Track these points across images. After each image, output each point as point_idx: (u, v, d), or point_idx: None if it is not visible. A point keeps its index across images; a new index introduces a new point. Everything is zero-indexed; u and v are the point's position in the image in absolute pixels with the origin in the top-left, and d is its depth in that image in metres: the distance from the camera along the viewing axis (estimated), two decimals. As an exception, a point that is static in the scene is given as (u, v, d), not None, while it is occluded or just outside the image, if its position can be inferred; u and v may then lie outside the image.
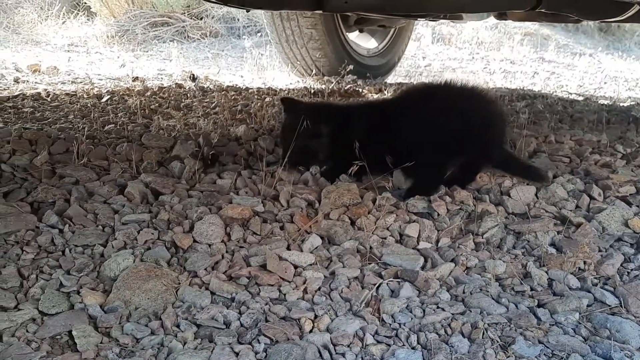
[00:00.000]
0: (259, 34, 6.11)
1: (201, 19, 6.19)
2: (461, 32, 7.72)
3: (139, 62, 4.48)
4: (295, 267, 1.29)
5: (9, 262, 1.24)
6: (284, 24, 3.83)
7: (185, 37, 5.94)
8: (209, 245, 1.37)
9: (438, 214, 1.53)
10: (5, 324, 1.04)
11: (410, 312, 1.15)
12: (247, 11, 3.41)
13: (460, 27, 7.80)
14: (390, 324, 1.11)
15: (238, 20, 6.26)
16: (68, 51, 5.30)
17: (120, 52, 5.25)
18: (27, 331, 1.04)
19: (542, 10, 2.33)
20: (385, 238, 1.44)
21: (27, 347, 0.99)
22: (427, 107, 1.69)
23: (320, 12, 3.07)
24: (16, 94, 2.47)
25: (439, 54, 6.54)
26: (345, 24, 4.05)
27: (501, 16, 3.32)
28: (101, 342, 1.02)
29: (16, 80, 2.78)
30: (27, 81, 2.81)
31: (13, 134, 1.77)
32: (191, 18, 6.15)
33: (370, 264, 1.33)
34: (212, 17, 6.20)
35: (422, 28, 7.31)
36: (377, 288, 1.22)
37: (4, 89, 2.59)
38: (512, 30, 8.27)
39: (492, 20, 8.28)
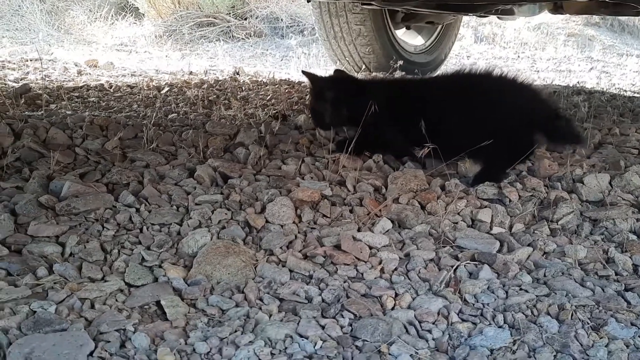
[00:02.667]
0: (303, 34, 6.15)
1: (245, 19, 6.27)
2: (503, 33, 7.60)
3: (187, 60, 4.56)
4: (370, 247, 1.29)
5: (91, 238, 1.27)
6: (332, 21, 3.84)
7: (230, 37, 6.02)
8: (282, 226, 1.38)
9: (510, 200, 1.50)
10: (95, 293, 1.07)
11: (493, 292, 1.13)
12: (308, 1, 3.43)
13: (503, 27, 7.68)
14: (473, 304, 1.09)
15: (282, 20, 6.31)
16: (118, 50, 5.44)
17: (169, 51, 5.36)
18: (116, 300, 1.07)
19: (607, 0, 2.27)
20: (457, 223, 1.43)
21: (119, 314, 1.01)
22: (491, 90, 1.68)
23: (376, 6, 3.07)
24: (80, 85, 2.55)
25: (483, 52, 6.45)
26: (392, 21, 4.03)
27: (557, 10, 3.25)
28: (189, 312, 1.04)
29: (79, 73, 2.88)
30: (89, 74, 2.90)
31: (86, 120, 1.82)
32: (236, 18, 6.23)
33: (444, 247, 1.31)
34: (257, 18, 6.26)
35: (463, 29, 7.22)
36: (455, 270, 1.20)
37: (69, 80, 2.68)
38: (556, 31, 8.09)
39: (534, 21, 8.07)
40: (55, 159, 1.54)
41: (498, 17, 4.22)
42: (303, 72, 1.97)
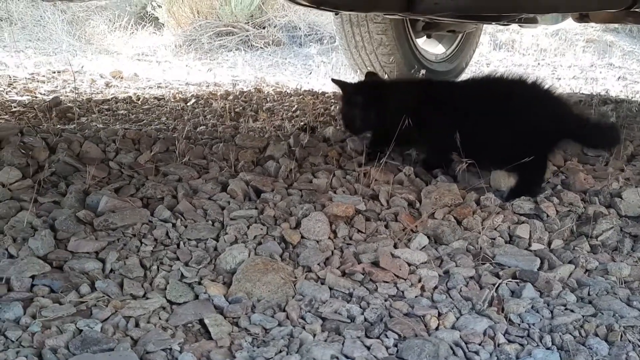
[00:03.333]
0: (321, 42, 6.16)
1: (264, 28, 6.30)
2: (521, 40, 7.56)
3: (209, 70, 4.59)
4: (409, 264, 1.28)
5: (130, 254, 1.28)
6: (353, 30, 3.85)
7: (249, 46, 6.06)
8: (317, 242, 1.38)
9: (547, 216, 1.49)
10: (139, 310, 1.07)
11: (538, 312, 1.11)
12: (336, 14, 3.45)
13: (521, 34, 7.63)
14: (519, 324, 1.07)
15: (300, 29, 6.34)
16: (139, 60, 5.49)
17: (189, 60, 5.40)
18: (159, 318, 1.07)
19: (637, 10, 2.24)
20: (494, 239, 1.41)
21: (164, 333, 1.01)
22: (527, 96, 1.67)
23: (399, 15, 3.07)
24: (109, 97, 2.58)
25: (502, 60, 6.41)
26: (413, 29, 4.02)
27: (582, 18, 3.22)
28: (232, 331, 1.04)
29: (107, 85, 2.91)
30: (117, 86, 2.93)
31: (118, 133, 1.83)
32: (254, 27, 6.27)
33: (484, 264, 1.30)
34: (275, 26, 6.30)
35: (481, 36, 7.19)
36: (497, 288, 1.19)
37: (98, 93, 2.71)
38: (574, 37, 8.02)
39: (552, 26, 7.97)
40: (91, 173, 1.56)
41: (519, 25, 4.20)
42: (333, 80, 1.99)
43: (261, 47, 6.06)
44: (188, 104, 2.57)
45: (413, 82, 2.10)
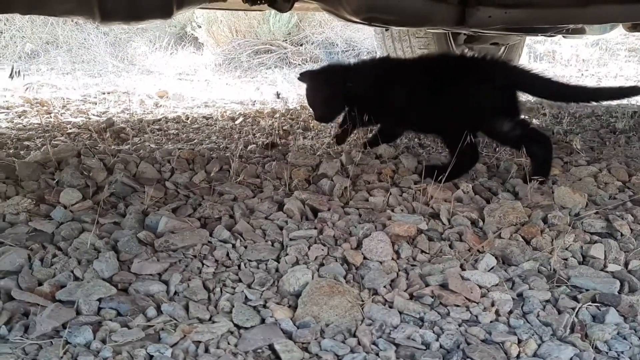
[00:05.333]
0: (358, 58, 6.16)
1: (301, 45, 6.35)
2: (561, 50, 7.40)
3: (252, 88, 4.63)
4: (479, 287, 1.22)
5: (193, 276, 1.26)
6: (395, 45, 3.82)
7: (286, 63, 6.11)
8: (380, 263, 1.34)
9: (621, 234, 1.41)
10: (207, 335, 1.05)
11: (625, 339, 1.04)
12: (386, 29, 3.47)
13: (559, 44, 7.48)
14: (607, 352, 1.01)
15: (337, 45, 6.36)
16: (180, 80, 5.60)
17: (229, 79, 5.47)
18: (228, 343, 1.04)
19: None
20: (566, 259, 1.34)
21: (234, 358, 0.99)
22: None
23: (444, 29, 3.03)
24: (159, 117, 2.61)
25: (544, 71, 6.26)
26: (455, 42, 3.97)
27: (635, 27, 3.12)
28: (303, 358, 1.01)
29: (156, 105, 2.96)
30: (165, 106, 2.98)
31: (172, 153, 1.84)
32: (292, 45, 6.33)
33: (559, 286, 1.23)
34: (312, 43, 6.34)
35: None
36: (577, 313, 1.12)
37: (148, 113, 2.75)
38: (615, 46, 7.82)
39: (592, 37, 7.84)
40: (149, 195, 1.56)
41: (563, 36, 4.10)
42: (299, 78, 2.15)
43: (299, 64, 6.10)
44: (236, 122, 2.58)
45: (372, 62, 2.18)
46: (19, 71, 3.57)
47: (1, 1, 1.56)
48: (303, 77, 2.14)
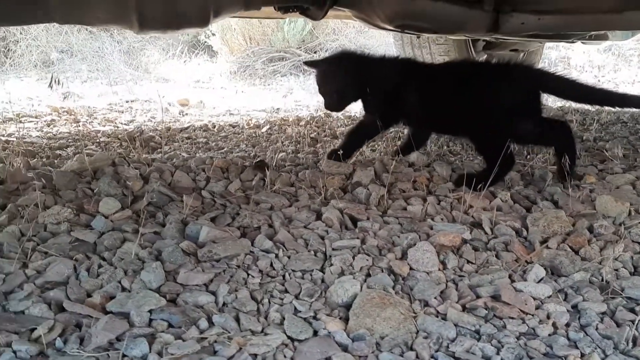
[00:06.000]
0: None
1: (316, 52, 6.35)
2: (574, 56, 7.37)
3: (265, 95, 4.64)
4: (533, 299, 1.20)
5: (239, 286, 1.25)
6: (414, 52, 3.82)
7: (301, 71, 6.11)
8: (427, 273, 1.32)
9: (672, 244, 1.39)
10: (263, 348, 1.03)
11: (692, 353, 1.02)
12: (418, 37, 3.48)
13: (571, 50, 7.45)
14: (675, 367, 0.98)
15: (351, 52, 6.36)
16: (194, 87, 5.61)
17: (244, 86, 5.48)
18: (284, 356, 1.03)
19: None
20: (617, 270, 1.32)
21: (293, 373, 0.97)
22: None
23: (466, 36, 3.02)
24: (186, 125, 2.61)
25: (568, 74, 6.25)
26: (474, 49, 3.96)
27: (661, 33, 3.10)
28: (362, 372, 0.99)
29: (181, 113, 2.96)
30: (191, 114, 2.98)
31: (206, 162, 1.84)
32: (306, 52, 6.34)
33: (613, 298, 1.21)
34: (326, 50, 6.34)
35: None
36: (637, 326, 1.10)
37: (175, 121, 2.75)
38: (627, 52, 7.78)
39: (605, 43, 7.76)
40: (188, 204, 1.55)
41: (582, 42, 4.07)
42: (304, 62, 2.15)
43: (313, 72, 6.10)
44: (262, 130, 2.57)
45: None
46: (58, 80, 3.58)
47: (42, 11, 1.56)
48: (313, 63, 2.10)
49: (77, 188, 1.67)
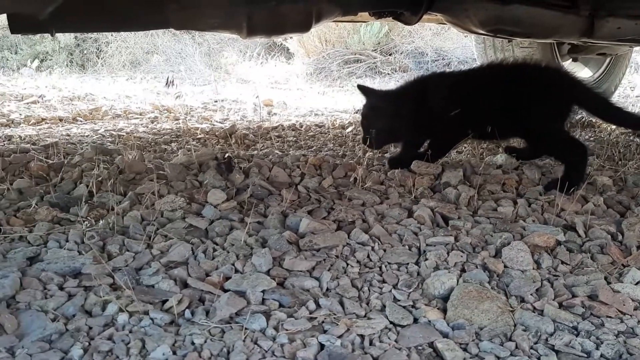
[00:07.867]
0: (448, 67, 6.13)
1: (391, 54, 6.41)
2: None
3: (340, 96, 4.73)
4: (632, 300, 1.22)
5: (340, 274, 1.34)
6: (497, 56, 3.79)
7: (376, 73, 6.18)
8: (522, 272, 1.36)
9: None
10: (369, 330, 1.12)
11: None
12: (509, 41, 3.49)
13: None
14: None
15: (427, 54, 6.36)
16: (273, 88, 5.80)
17: (320, 87, 5.61)
18: (389, 338, 1.11)
19: None
20: None
21: (400, 354, 1.05)
22: None
23: (555, 40, 2.98)
24: (275, 125, 2.75)
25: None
26: (559, 53, 3.88)
27: None
28: (465, 358, 1.05)
29: (269, 113, 3.12)
30: (279, 114, 3.13)
31: (301, 159, 1.95)
32: (381, 54, 6.40)
33: None
34: (401, 53, 6.38)
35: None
36: None
37: (265, 120, 2.91)
38: None
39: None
40: (287, 198, 1.66)
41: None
42: (358, 86, 2.09)
43: (388, 74, 6.15)
44: (346, 130, 2.67)
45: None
46: (172, 81, 3.85)
47: (160, 19, 1.72)
48: (365, 90, 2.03)
49: (185, 179, 1.82)
